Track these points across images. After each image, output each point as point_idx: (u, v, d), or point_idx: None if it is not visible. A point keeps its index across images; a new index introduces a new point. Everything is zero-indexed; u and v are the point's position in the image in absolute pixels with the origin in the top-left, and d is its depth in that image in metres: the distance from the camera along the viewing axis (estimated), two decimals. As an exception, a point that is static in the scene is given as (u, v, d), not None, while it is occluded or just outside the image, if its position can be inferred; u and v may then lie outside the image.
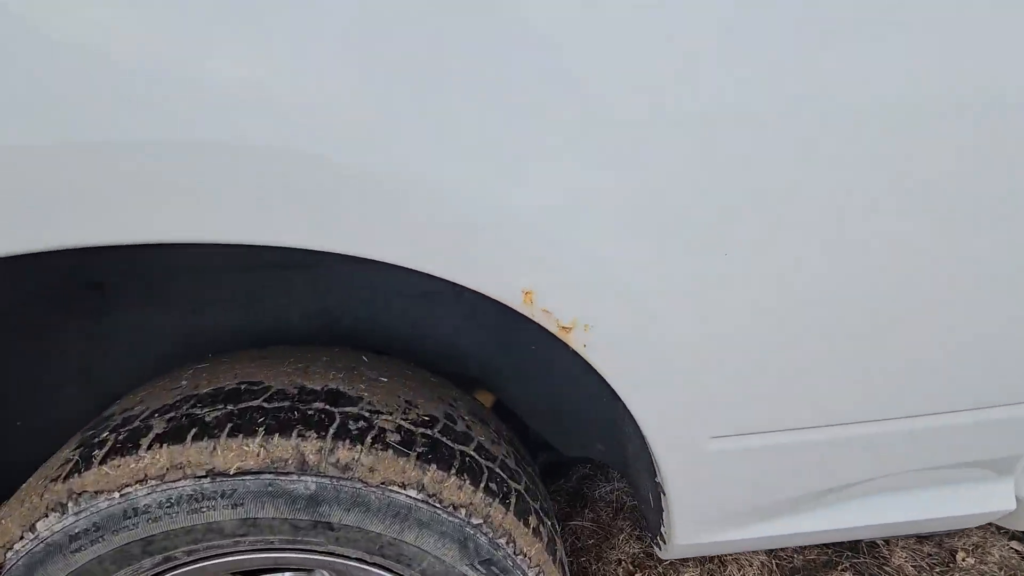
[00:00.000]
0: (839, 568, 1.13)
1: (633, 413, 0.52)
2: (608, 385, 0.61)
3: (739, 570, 1.12)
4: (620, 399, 0.53)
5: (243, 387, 0.59)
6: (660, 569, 1.13)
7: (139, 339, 0.69)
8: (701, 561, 1.14)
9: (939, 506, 0.70)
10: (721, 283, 0.47)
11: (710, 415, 0.54)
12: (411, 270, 0.45)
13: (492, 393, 0.93)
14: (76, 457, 0.54)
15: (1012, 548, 1.18)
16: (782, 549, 1.18)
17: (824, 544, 1.19)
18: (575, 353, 0.52)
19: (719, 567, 1.14)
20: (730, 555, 1.16)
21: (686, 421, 0.53)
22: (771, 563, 1.14)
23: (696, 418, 0.54)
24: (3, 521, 0.54)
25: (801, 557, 1.16)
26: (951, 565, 1.14)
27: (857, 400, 0.59)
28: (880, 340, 0.54)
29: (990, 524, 1.23)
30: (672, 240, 0.45)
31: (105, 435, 0.55)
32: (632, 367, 0.49)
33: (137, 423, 0.55)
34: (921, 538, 1.19)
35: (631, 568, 1.14)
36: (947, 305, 0.52)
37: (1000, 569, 1.13)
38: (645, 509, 0.79)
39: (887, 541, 1.18)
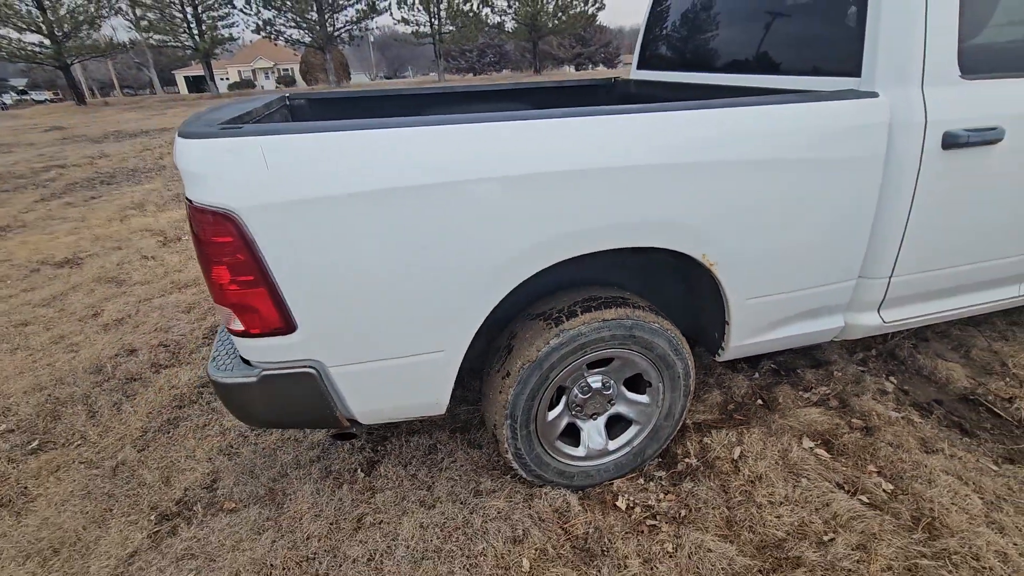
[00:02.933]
0: (781, 384, 2.35)
1: (728, 293, 1.65)
2: (691, 287, 1.76)
3: (734, 383, 2.32)
4: (721, 290, 1.66)
5: (595, 295, 1.67)
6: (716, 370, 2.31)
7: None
8: (721, 386, 2.33)
9: (818, 327, 1.90)
10: (757, 252, 1.61)
11: (750, 290, 1.69)
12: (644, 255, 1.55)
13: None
14: (551, 323, 1.60)
15: (857, 368, 2.46)
16: (755, 374, 2.39)
17: (773, 367, 2.42)
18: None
19: (729, 375, 2.33)
20: (734, 370, 2.36)
21: (744, 294, 1.68)
22: (752, 384, 2.35)
23: (745, 292, 1.68)
24: (524, 349, 1.59)
25: (761, 380, 2.38)
26: (832, 376, 2.40)
27: (793, 278, 1.75)
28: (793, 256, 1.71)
29: (844, 352, 2.52)
30: (750, 236, 1.58)
31: (557, 315, 1.61)
32: (732, 274, 1.62)
33: (569, 308, 1.62)
34: (817, 368, 2.45)
35: (687, 395, 2.31)
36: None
37: (852, 376, 2.40)
38: (707, 341, 1.94)
39: (803, 370, 2.42)
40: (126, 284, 3.74)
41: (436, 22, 23.88)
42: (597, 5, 25.53)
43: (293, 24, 22.12)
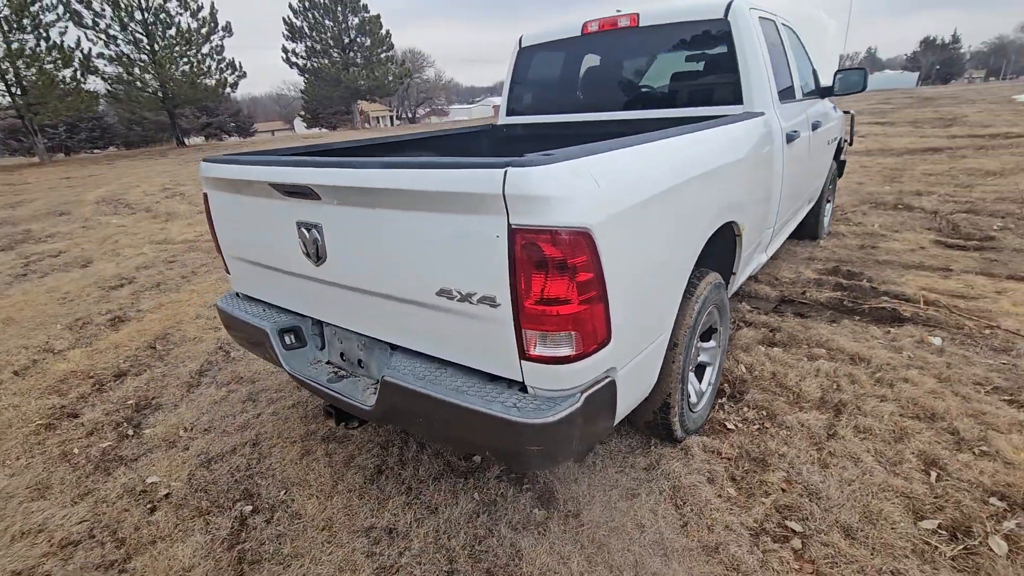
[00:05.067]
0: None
1: (743, 249, 2.35)
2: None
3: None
4: (739, 247, 2.36)
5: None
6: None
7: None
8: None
9: (753, 265, 2.82)
10: (751, 216, 2.37)
11: (749, 244, 2.44)
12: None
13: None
14: (686, 295, 1.98)
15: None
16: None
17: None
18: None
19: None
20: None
21: (747, 248, 2.41)
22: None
23: (747, 246, 2.42)
24: (680, 319, 1.94)
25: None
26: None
27: (759, 231, 2.59)
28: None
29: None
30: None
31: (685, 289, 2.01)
32: (747, 234, 2.33)
33: (688, 281, 2.03)
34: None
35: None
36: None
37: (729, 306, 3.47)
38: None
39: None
40: None
41: (18, 92, 18.20)
42: (238, 74, 24.10)
43: None
